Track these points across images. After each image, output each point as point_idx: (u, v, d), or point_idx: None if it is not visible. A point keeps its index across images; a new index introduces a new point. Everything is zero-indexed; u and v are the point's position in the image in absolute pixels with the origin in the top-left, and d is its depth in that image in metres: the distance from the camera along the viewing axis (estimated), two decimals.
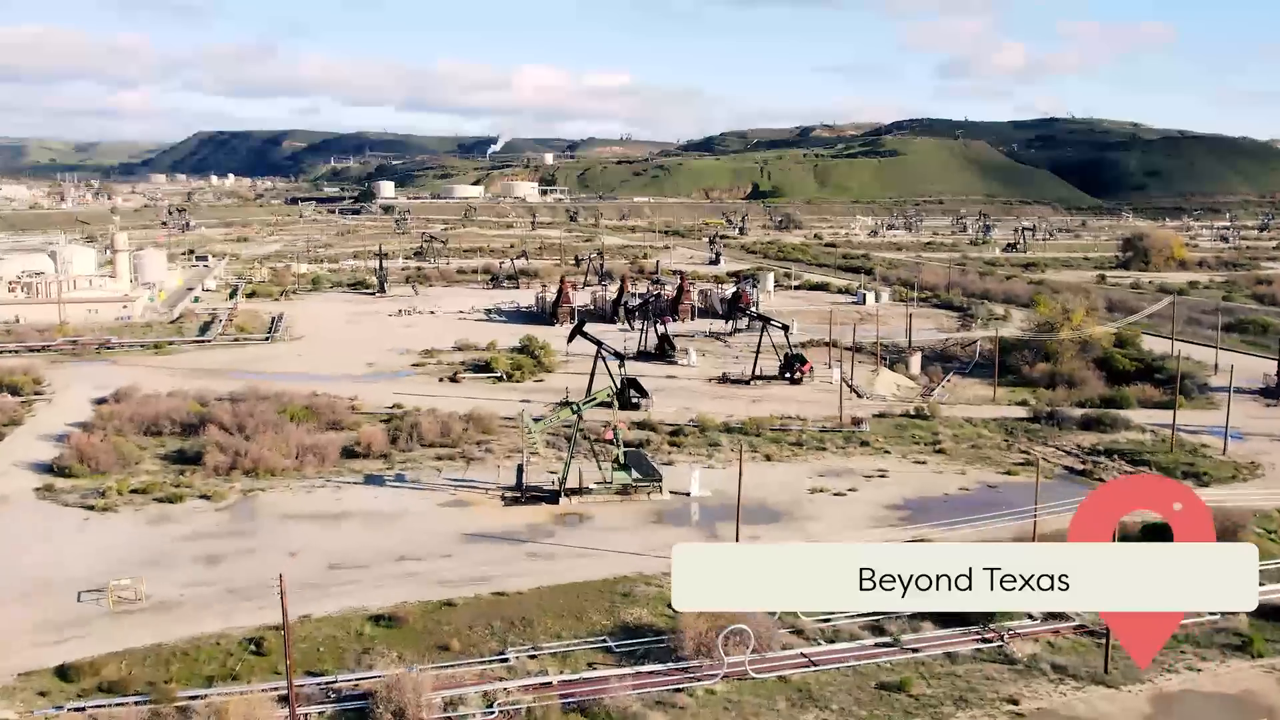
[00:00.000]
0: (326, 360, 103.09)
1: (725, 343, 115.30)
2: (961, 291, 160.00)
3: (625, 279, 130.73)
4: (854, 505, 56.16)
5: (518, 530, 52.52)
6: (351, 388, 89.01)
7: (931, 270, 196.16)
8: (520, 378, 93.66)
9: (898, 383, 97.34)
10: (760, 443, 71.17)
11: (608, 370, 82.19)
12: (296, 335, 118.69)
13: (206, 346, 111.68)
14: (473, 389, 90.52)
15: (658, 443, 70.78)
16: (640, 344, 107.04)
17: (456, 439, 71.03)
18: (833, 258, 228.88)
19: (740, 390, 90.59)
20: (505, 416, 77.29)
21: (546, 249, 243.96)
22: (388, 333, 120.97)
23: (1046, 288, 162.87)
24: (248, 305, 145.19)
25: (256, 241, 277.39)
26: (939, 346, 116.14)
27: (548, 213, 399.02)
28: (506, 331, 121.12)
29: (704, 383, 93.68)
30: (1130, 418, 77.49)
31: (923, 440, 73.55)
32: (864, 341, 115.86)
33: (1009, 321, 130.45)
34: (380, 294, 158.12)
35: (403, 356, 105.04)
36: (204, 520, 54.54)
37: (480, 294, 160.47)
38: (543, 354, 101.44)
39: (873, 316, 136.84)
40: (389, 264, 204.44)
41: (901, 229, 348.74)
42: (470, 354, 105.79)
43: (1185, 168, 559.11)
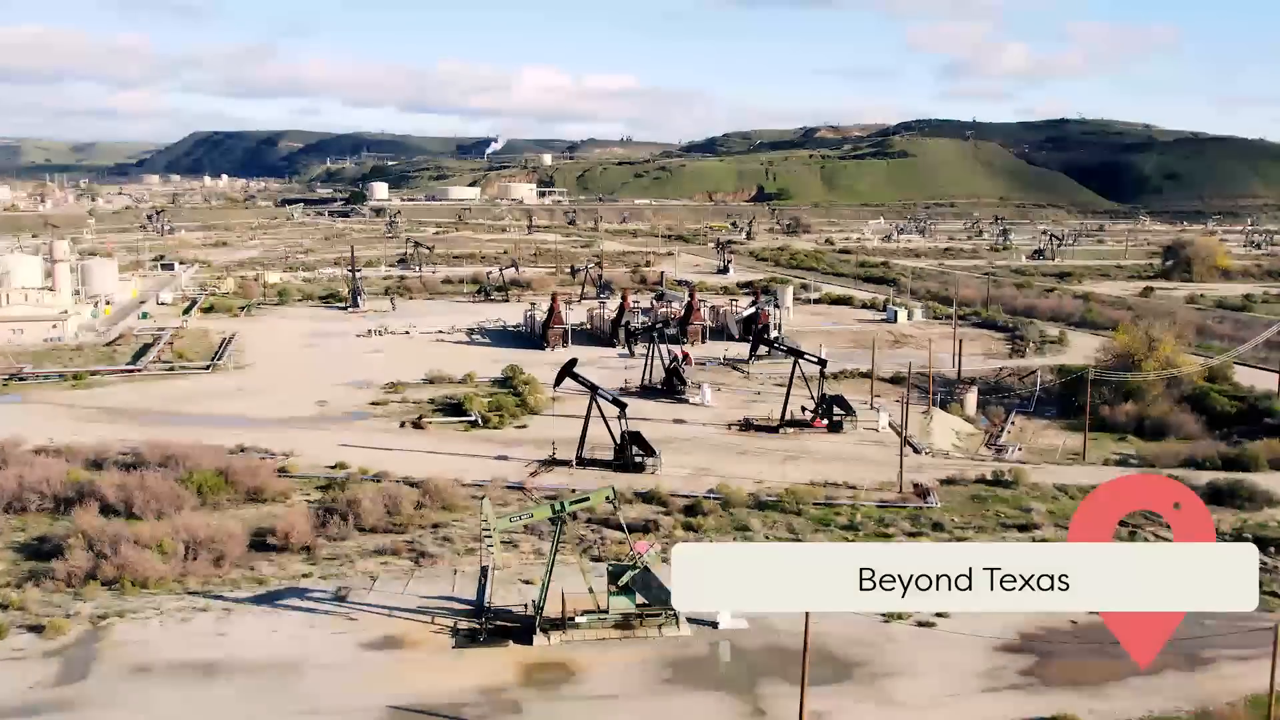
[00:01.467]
0: (270, 397, 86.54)
1: (744, 372, 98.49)
2: (1001, 307, 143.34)
3: (626, 295, 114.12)
4: (950, 645, 39.36)
5: (467, 700, 35.67)
6: (290, 437, 72.38)
7: (961, 281, 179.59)
8: (499, 422, 76.94)
9: (955, 428, 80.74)
10: (803, 526, 54.55)
11: (604, 420, 65.60)
12: (244, 363, 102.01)
13: (135, 377, 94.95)
14: (439, 439, 73.83)
15: (669, 528, 54.09)
16: (644, 376, 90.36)
17: (406, 520, 54.38)
18: (849, 266, 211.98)
19: (767, 440, 73.84)
20: (474, 486, 60.74)
21: (542, 255, 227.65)
22: (350, 359, 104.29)
23: (1095, 302, 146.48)
24: (200, 323, 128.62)
25: (235, 246, 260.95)
26: (992, 377, 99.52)
27: (546, 215, 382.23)
28: (489, 358, 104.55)
29: (722, 429, 76.93)
30: (1271, 488, 60.73)
31: (1011, 519, 56.88)
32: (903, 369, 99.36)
33: (1065, 346, 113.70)
34: (353, 309, 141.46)
35: (362, 392, 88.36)
36: (15, 678, 37.62)
37: (465, 309, 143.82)
38: (527, 390, 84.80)
39: (907, 337, 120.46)
40: (369, 272, 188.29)
41: (915, 233, 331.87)
42: (442, 388, 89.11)
43: (1203, 170, 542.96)
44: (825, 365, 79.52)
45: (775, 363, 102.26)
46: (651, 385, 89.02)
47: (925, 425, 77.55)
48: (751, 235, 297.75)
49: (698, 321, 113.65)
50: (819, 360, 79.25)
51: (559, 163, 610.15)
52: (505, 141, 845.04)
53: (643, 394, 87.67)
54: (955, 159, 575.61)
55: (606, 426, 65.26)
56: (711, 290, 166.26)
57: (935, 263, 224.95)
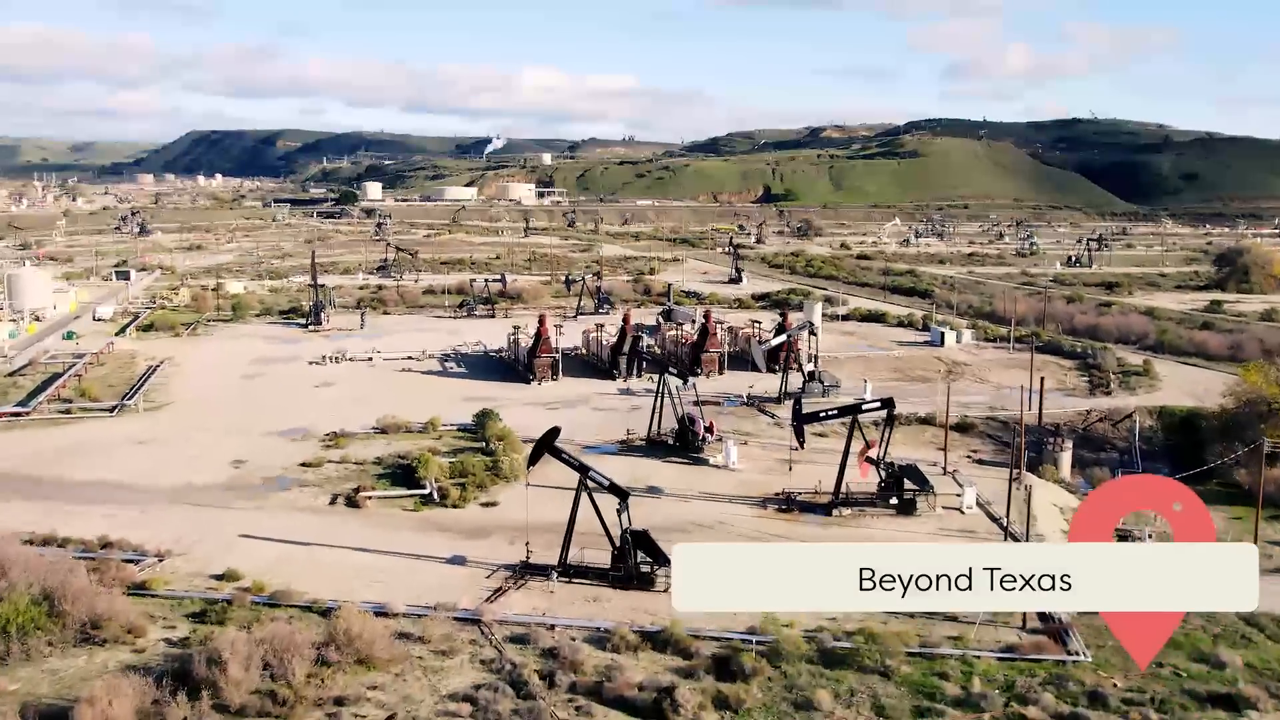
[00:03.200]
0: (177, 453, 68.16)
1: (773, 416, 79.86)
2: (1059, 326, 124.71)
3: (628, 319, 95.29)
4: None
5: None
6: (179, 523, 54.05)
7: (999, 292, 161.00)
8: (460, 499, 58.39)
9: (1056, 501, 62.15)
10: (897, 703, 36.11)
11: (597, 513, 47.20)
12: (161, 401, 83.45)
13: (18, 423, 76.42)
14: (379, 523, 55.40)
15: (693, 709, 35.46)
16: (651, 425, 71.55)
17: (295, 694, 35.92)
18: (872, 274, 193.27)
19: (819, 527, 55.36)
20: (410, 616, 42.40)
21: (537, 261, 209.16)
22: (294, 396, 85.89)
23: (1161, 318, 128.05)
24: (132, 345, 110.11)
25: (210, 250, 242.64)
26: (1078, 424, 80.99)
27: (544, 217, 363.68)
28: (461, 393, 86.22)
29: (756, 507, 58.43)
30: None
31: (1198, 679, 38.41)
32: (968, 412, 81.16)
33: (1154, 380, 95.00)
34: (314, 326, 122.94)
35: (294, 446, 69.91)
36: None
37: (443, 327, 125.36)
38: (501, 448, 66.20)
39: (961, 366, 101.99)
40: (345, 281, 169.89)
41: (932, 236, 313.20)
42: (396, 440, 70.59)
43: (1220, 171, 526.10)
44: (893, 408, 60.14)
45: (810, 400, 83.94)
46: (660, 438, 70.48)
47: (1022, 500, 58.93)
48: (762, 239, 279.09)
49: (714, 349, 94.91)
50: (885, 404, 59.97)
51: (559, 162, 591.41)
52: (506, 141, 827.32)
53: (649, 450, 69.37)
54: (968, 159, 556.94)
55: (601, 523, 46.84)
56: (724, 304, 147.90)
57: (964, 270, 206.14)
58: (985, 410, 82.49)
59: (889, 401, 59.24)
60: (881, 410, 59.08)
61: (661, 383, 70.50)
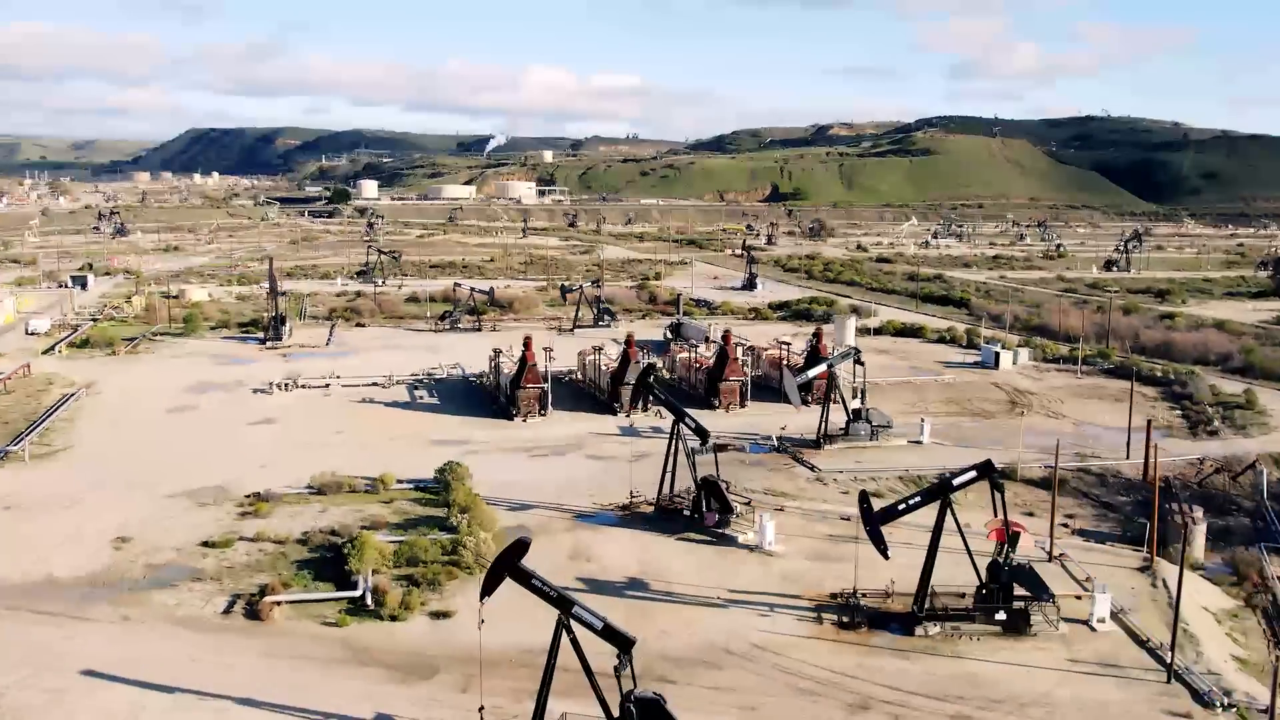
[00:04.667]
0: (50, 524, 52.56)
1: (813, 469, 63.93)
2: (1125, 343, 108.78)
3: (632, 342, 79.37)
4: None
5: None
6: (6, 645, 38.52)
7: (1043, 301, 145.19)
8: (402, 605, 42.66)
9: (1205, 603, 46.33)
10: None
11: (586, 671, 31.54)
12: (56, 446, 67.83)
13: None
14: (280, 653, 39.66)
15: None
16: (661, 486, 55.52)
17: None
18: (896, 279, 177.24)
19: (898, 657, 39.63)
20: None
21: (534, 264, 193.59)
22: (220, 439, 70.08)
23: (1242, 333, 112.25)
24: (57, 365, 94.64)
25: (188, 251, 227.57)
26: (1190, 477, 65.11)
27: (545, 216, 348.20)
28: (428, 434, 70.65)
29: (806, 623, 42.62)
30: None
31: None
32: (1047, 459, 65.21)
33: (1263, 413, 79.09)
34: (274, 343, 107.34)
35: (201, 513, 54.24)
36: None
37: (421, 342, 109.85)
38: (465, 524, 50.34)
39: (1026, 395, 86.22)
40: (323, 287, 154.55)
41: (950, 237, 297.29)
42: (334, 505, 54.98)
43: (1240, 170, 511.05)
44: (995, 474, 43.70)
45: (853, 446, 68.39)
46: (673, 505, 54.67)
47: (1164, 606, 43.19)
48: (774, 240, 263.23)
49: (735, 377, 78.94)
50: (979, 471, 43.40)
51: (561, 160, 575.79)
52: (509, 139, 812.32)
53: (659, 521, 53.66)
54: (982, 157, 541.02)
55: (591, 682, 31.12)
56: (738, 314, 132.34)
57: (995, 275, 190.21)
58: (1072, 458, 66.70)
59: (987, 467, 43.18)
60: (978, 480, 43.08)
61: (675, 434, 54.70)
